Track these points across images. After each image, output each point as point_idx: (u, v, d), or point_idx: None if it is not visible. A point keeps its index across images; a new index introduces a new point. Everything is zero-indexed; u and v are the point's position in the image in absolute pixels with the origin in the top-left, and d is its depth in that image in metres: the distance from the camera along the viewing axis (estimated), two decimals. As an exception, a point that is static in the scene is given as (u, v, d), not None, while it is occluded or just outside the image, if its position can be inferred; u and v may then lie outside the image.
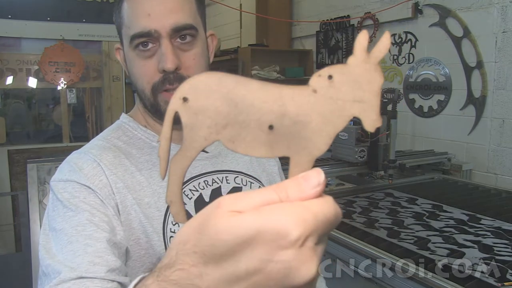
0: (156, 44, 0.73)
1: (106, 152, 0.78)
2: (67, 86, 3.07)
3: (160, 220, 0.76)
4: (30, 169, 2.36)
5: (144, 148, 0.82)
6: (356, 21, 3.57)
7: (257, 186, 0.88)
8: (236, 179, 0.86)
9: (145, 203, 0.76)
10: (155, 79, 0.75)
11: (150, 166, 0.79)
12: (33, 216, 2.28)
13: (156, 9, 0.72)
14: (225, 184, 0.85)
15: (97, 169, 0.74)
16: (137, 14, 0.73)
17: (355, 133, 2.11)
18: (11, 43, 2.99)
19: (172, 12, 0.73)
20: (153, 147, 0.82)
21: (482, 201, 1.97)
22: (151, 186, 0.77)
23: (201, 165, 0.85)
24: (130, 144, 0.82)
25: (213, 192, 0.82)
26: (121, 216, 0.73)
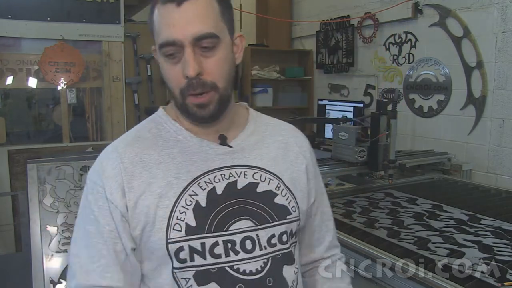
0: (181, 52, 0.79)
1: (130, 149, 0.86)
2: (67, 86, 3.06)
3: (169, 208, 0.81)
4: (30, 169, 2.36)
5: (170, 140, 0.88)
6: (356, 21, 3.57)
7: (276, 183, 0.88)
8: (255, 175, 0.87)
9: (157, 193, 0.82)
10: (181, 84, 0.81)
11: (169, 160, 0.85)
12: (33, 216, 2.28)
13: (179, 20, 0.77)
14: (242, 178, 0.86)
15: (116, 170, 0.83)
16: (163, 24, 0.79)
17: (355, 133, 2.11)
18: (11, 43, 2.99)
19: (193, 23, 0.78)
20: (177, 141, 0.88)
21: (482, 201, 1.98)
22: (166, 177, 0.83)
23: (221, 159, 0.87)
24: (158, 136, 0.89)
25: (228, 186, 0.85)
26: (129, 213, 0.81)
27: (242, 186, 0.85)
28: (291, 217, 0.88)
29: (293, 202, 0.89)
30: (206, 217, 0.81)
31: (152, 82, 3.34)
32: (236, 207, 0.83)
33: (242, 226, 0.83)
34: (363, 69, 3.60)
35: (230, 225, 0.82)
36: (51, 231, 2.28)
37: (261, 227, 0.84)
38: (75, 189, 2.39)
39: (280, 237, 0.86)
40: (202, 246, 0.80)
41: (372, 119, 2.14)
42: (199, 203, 0.82)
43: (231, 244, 0.81)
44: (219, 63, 0.81)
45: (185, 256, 0.79)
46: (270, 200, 0.86)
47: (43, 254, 2.22)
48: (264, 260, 0.83)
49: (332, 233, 1.04)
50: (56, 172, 2.37)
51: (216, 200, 0.83)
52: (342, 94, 3.84)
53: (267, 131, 0.96)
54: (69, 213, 2.34)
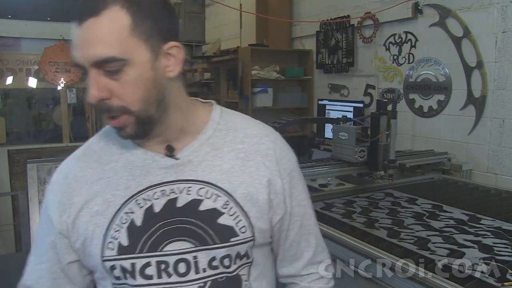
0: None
1: (77, 164, 0.85)
2: (67, 86, 3.07)
3: (104, 226, 0.79)
4: (30, 169, 2.36)
5: (115, 153, 0.84)
6: (356, 21, 3.57)
7: (224, 200, 0.80)
8: (200, 191, 0.80)
9: (94, 211, 0.80)
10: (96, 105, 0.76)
11: (111, 174, 0.82)
12: (33, 216, 2.28)
13: (80, 42, 0.70)
14: (185, 195, 0.79)
15: (61, 185, 0.83)
16: (72, 43, 0.72)
17: (355, 133, 2.11)
18: (11, 43, 2.99)
19: (93, 46, 0.69)
20: (122, 154, 0.83)
21: (482, 201, 1.97)
22: (104, 195, 0.80)
23: (164, 173, 0.80)
24: (105, 149, 0.85)
25: (167, 203, 0.79)
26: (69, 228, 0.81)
27: (182, 204, 0.79)
28: (237, 239, 0.79)
29: (244, 221, 0.80)
30: (139, 237, 0.78)
31: (152, 82, 3.34)
32: (173, 226, 0.78)
33: (178, 248, 0.77)
34: (363, 69, 3.60)
35: (164, 246, 0.77)
36: (51, 231, 2.28)
37: (201, 249, 0.78)
38: (75, 189, 2.40)
39: (221, 260, 0.79)
40: (132, 267, 0.77)
41: (372, 119, 2.14)
42: (134, 221, 0.78)
43: (165, 265, 0.77)
44: (129, 86, 0.72)
45: (118, 274, 0.78)
46: (212, 220, 0.79)
47: (43, 254, 2.22)
48: (200, 285, 0.78)
49: (313, 249, 0.94)
50: (56, 172, 2.37)
51: (153, 219, 0.78)
52: (342, 94, 3.84)
53: (227, 138, 0.85)
54: (69, 213, 2.34)
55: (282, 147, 0.90)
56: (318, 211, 1.77)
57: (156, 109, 0.77)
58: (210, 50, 5.20)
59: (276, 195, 0.85)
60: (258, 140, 0.87)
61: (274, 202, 0.85)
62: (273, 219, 0.86)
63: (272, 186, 0.84)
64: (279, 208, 0.86)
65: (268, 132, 0.91)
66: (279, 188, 0.85)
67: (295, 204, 0.89)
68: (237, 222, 0.80)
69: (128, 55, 0.71)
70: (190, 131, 0.84)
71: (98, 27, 0.69)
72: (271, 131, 0.91)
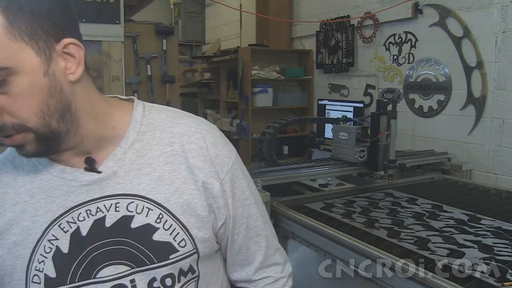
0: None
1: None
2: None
3: (26, 258, 0.70)
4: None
5: (30, 173, 0.73)
6: (356, 21, 3.57)
7: (157, 214, 0.71)
8: (129, 206, 0.71)
9: (12, 241, 0.70)
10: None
11: (27, 198, 0.71)
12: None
13: None
14: (113, 212, 0.70)
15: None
16: None
17: (355, 133, 2.11)
18: (11, 43, 3.00)
19: None
20: (37, 172, 0.72)
21: (482, 201, 1.97)
22: (22, 222, 0.70)
23: (87, 190, 0.71)
24: (20, 168, 0.74)
25: (94, 224, 0.70)
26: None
27: (112, 223, 0.70)
28: (178, 255, 0.72)
29: (182, 234, 0.72)
30: (68, 265, 0.69)
31: (152, 82, 3.33)
32: (105, 249, 0.70)
33: (113, 272, 0.70)
34: (363, 69, 3.60)
35: (97, 272, 0.69)
36: (51, 231, 2.28)
37: (138, 271, 0.70)
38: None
39: (162, 281, 0.71)
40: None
41: (372, 119, 2.14)
42: (59, 249, 0.69)
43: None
44: (20, 99, 0.61)
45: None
46: (147, 237, 0.71)
47: (43, 254, 2.22)
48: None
49: (263, 252, 0.86)
50: (56, 172, 2.37)
51: (81, 243, 0.69)
52: (342, 94, 3.84)
53: (153, 141, 0.74)
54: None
55: (216, 143, 0.78)
56: (318, 211, 1.77)
57: (60, 121, 0.65)
58: (210, 50, 5.21)
59: (215, 199, 0.76)
60: (188, 138, 0.76)
61: (213, 206, 0.76)
62: (215, 224, 0.77)
63: (209, 190, 0.75)
64: (219, 213, 0.77)
65: (199, 127, 0.78)
66: (217, 190, 0.76)
67: (239, 206, 0.80)
68: (175, 236, 0.72)
69: (11, 62, 0.59)
70: (111, 137, 0.73)
71: None
72: (202, 126, 0.79)
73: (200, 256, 0.75)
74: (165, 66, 3.34)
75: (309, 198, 2.00)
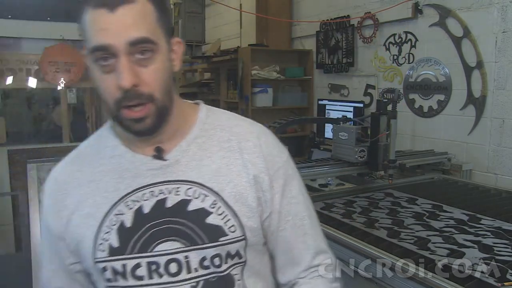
0: (115, 60, 0.73)
1: (67, 168, 0.88)
2: (67, 86, 3.06)
3: (95, 228, 0.80)
4: (30, 169, 2.36)
5: (105, 157, 0.85)
6: (356, 21, 3.57)
7: (212, 200, 0.80)
8: (188, 191, 0.80)
9: (85, 213, 0.81)
10: (116, 96, 0.75)
11: (101, 177, 0.83)
12: (33, 216, 2.28)
13: (112, 25, 0.72)
14: (173, 195, 0.80)
15: (52, 189, 0.86)
16: (95, 28, 0.73)
17: (355, 133, 2.11)
18: (11, 43, 2.99)
19: (127, 27, 0.72)
20: (112, 157, 0.84)
21: (482, 201, 1.98)
22: (94, 197, 0.82)
23: (152, 175, 0.81)
24: (96, 152, 0.87)
25: (156, 204, 0.80)
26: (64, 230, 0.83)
27: (171, 204, 0.79)
28: (227, 238, 0.79)
29: (233, 221, 0.80)
30: (130, 238, 0.78)
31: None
32: (163, 227, 0.79)
33: (169, 248, 0.78)
34: (363, 69, 3.60)
35: (155, 246, 0.78)
36: (51, 231, 2.28)
37: (191, 249, 0.78)
38: (75, 189, 2.39)
39: (212, 260, 0.79)
40: (123, 268, 0.78)
41: (372, 119, 2.14)
42: (124, 223, 0.79)
43: (156, 266, 0.78)
44: (157, 73, 0.76)
45: (109, 276, 0.79)
46: (201, 219, 0.79)
47: (43, 254, 2.22)
48: (193, 284, 0.78)
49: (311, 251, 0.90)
50: (56, 172, 2.37)
51: (142, 220, 0.79)
52: (342, 94, 3.84)
53: (214, 137, 0.86)
54: (69, 213, 2.34)
55: (269, 143, 0.88)
56: (318, 211, 1.77)
57: (169, 101, 0.80)
58: (210, 50, 5.20)
59: (263, 192, 0.84)
60: (244, 137, 0.87)
61: (261, 199, 0.83)
62: (262, 217, 0.84)
63: (259, 183, 0.83)
64: (266, 207, 0.84)
65: (254, 129, 0.90)
66: (267, 185, 0.84)
67: (285, 203, 0.87)
68: (226, 221, 0.80)
69: (158, 41, 0.75)
70: (181, 131, 0.85)
71: (133, 12, 0.73)
72: (257, 128, 0.90)
73: (248, 243, 0.82)
74: (165, 66, 3.33)
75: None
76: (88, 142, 0.90)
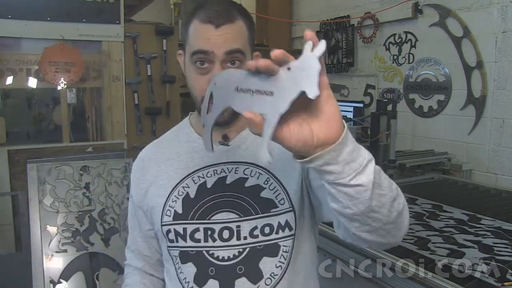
0: (211, 65, 0.89)
1: (152, 148, 1.07)
2: (67, 86, 3.06)
3: (165, 197, 0.96)
4: (30, 169, 2.36)
5: (182, 141, 1.03)
6: (356, 21, 3.57)
7: (265, 177, 0.94)
8: (245, 170, 0.95)
9: (159, 184, 0.99)
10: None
11: (175, 157, 1.00)
12: (33, 216, 2.28)
13: (215, 36, 0.88)
14: (233, 174, 0.95)
15: (138, 166, 1.05)
16: (200, 36, 0.89)
17: (355, 133, 2.11)
18: (11, 43, 2.98)
19: (226, 40, 0.88)
20: (187, 141, 1.02)
21: (482, 201, 1.98)
22: (168, 172, 0.99)
23: (216, 156, 0.97)
24: (176, 137, 1.05)
25: (218, 180, 0.95)
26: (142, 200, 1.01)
27: (231, 181, 0.94)
28: (277, 210, 0.92)
29: (283, 195, 0.93)
30: (192, 207, 0.93)
31: (152, 82, 3.33)
32: (222, 200, 0.93)
33: (224, 217, 0.92)
34: (363, 69, 3.60)
35: (213, 215, 0.92)
36: (51, 231, 2.28)
37: (244, 219, 0.91)
38: (75, 189, 2.40)
39: (262, 229, 0.91)
40: (184, 231, 0.93)
41: (372, 119, 2.14)
42: (189, 194, 0.95)
43: (211, 231, 0.92)
44: None
45: (172, 237, 0.94)
46: (256, 194, 0.93)
47: (43, 254, 2.22)
48: (240, 250, 0.91)
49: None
50: (56, 172, 2.37)
51: (205, 193, 0.94)
52: (342, 94, 3.84)
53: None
54: (69, 213, 2.34)
55: None
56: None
57: None
58: (210, 50, 5.20)
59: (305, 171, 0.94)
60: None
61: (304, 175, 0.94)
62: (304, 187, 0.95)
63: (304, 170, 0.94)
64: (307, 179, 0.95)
65: None
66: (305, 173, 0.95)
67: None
68: (277, 195, 0.93)
69: (246, 53, 0.92)
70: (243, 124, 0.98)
71: (232, 29, 0.90)
72: None
73: (297, 215, 0.93)
74: (165, 66, 3.33)
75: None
76: (170, 131, 1.09)
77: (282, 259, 0.92)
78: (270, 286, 0.91)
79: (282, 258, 0.92)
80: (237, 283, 0.91)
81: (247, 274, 0.91)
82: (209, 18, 0.89)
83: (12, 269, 2.41)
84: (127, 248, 1.12)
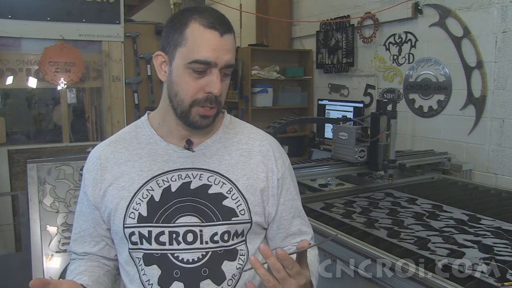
0: (207, 70, 0.91)
1: (108, 148, 1.03)
2: (67, 86, 3.06)
3: (128, 199, 0.96)
4: (30, 169, 2.36)
5: (142, 143, 1.02)
6: (356, 21, 3.57)
7: (228, 187, 0.98)
8: (209, 178, 0.98)
9: (121, 186, 0.98)
10: (198, 96, 0.93)
11: (137, 158, 1.00)
12: (33, 216, 2.28)
13: (220, 47, 0.90)
14: (197, 180, 0.97)
15: (94, 165, 1.02)
16: (203, 44, 0.90)
17: (355, 133, 2.11)
18: (11, 43, 2.98)
19: (228, 51, 0.92)
20: (148, 143, 1.01)
21: (482, 201, 1.97)
22: (130, 174, 0.98)
23: (181, 161, 0.99)
24: (134, 138, 1.03)
25: (182, 185, 0.97)
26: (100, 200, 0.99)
27: (195, 187, 0.96)
28: (237, 219, 0.96)
29: (244, 206, 0.97)
30: (157, 210, 0.95)
31: (152, 82, 3.33)
32: (186, 204, 0.95)
33: (188, 221, 0.94)
34: (363, 69, 3.60)
35: (177, 219, 0.94)
36: (51, 231, 2.28)
37: (206, 224, 0.95)
38: (75, 189, 2.39)
39: (222, 235, 0.95)
40: (149, 233, 0.94)
41: (372, 119, 2.14)
42: (153, 197, 0.96)
43: (176, 235, 0.94)
44: (227, 87, 0.98)
45: (136, 240, 0.95)
46: (218, 201, 0.96)
47: (43, 254, 2.22)
48: (203, 253, 0.94)
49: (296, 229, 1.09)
50: (56, 172, 2.37)
51: (169, 196, 0.95)
52: (342, 94, 3.84)
53: (234, 139, 1.05)
54: (69, 213, 2.34)
55: (279, 150, 1.09)
56: (318, 211, 1.77)
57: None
58: (210, 50, 5.19)
59: (272, 188, 1.02)
60: (260, 143, 1.06)
61: (269, 193, 1.02)
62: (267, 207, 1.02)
63: (269, 180, 1.02)
64: (273, 199, 1.03)
65: (268, 137, 1.10)
66: (275, 183, 1.03)
67: (288, 198, 1.06)
68: (238, 205, 0.97)
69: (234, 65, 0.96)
70: (208, 130, 1.02)
71: (232, 41, 0.94)
72: (270, 137, 1.11)
73: (252, 225, 0.99)
74: (165, 66, 3.33)
75: (309, 198, 2.00)
76: (126, 130, 1.07)
77: (240, 262, 0.98)
78: (232, 286, 0.97)
79: (240, 260, 0.98)
80: (202, 285, 0.94)
81: (211, 276, 0.94)
82: (213, 24, 0.90)
83: (12, 269, 2.41)
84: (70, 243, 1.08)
